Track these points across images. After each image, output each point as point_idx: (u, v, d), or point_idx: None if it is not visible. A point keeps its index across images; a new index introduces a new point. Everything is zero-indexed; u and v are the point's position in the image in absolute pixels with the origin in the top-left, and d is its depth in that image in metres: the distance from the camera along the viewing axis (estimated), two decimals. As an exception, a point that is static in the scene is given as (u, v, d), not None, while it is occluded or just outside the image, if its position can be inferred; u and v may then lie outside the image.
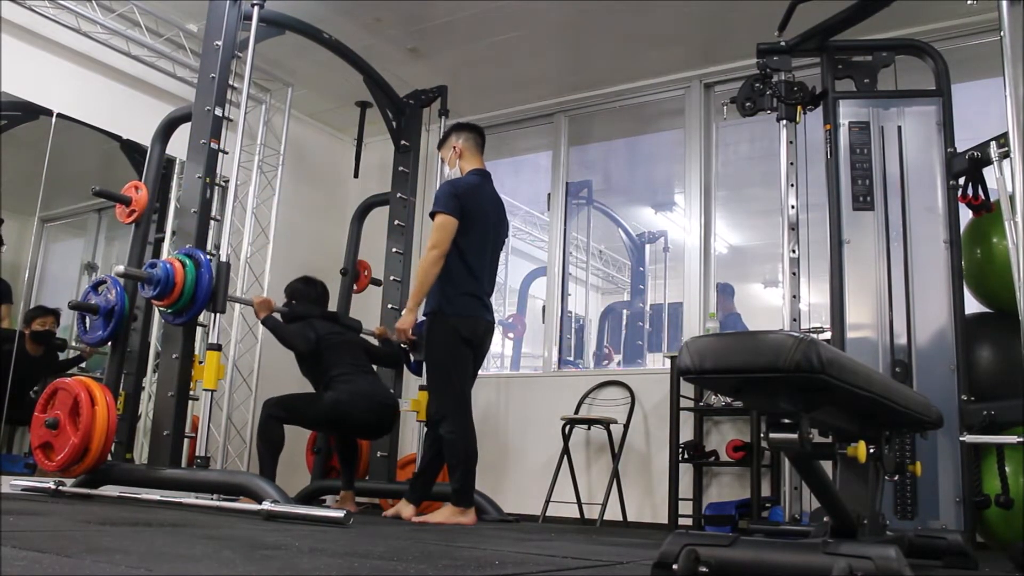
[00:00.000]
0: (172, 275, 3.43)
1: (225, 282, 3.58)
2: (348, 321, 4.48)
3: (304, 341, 3.95)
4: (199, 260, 3.51)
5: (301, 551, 1.75)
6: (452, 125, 3.82)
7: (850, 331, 3.34)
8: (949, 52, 3.73)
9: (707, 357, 1.42)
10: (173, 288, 3.43)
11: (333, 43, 4.54)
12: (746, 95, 3.66)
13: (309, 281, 4.35)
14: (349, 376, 3.96)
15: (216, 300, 3.54)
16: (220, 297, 3.55)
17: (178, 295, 3.45)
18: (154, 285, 3.43)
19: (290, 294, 4.32)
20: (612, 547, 2.52)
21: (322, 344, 4.01)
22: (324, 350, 4.01)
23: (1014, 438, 2.84)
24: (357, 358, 4.13)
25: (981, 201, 3.26)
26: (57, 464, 3.31)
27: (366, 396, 3.94)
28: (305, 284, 4.33)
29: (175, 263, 3.47)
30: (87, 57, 4.56)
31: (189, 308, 3.50)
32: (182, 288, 3.44)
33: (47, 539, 1.66)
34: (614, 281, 8.14)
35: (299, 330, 4.00)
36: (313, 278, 4.38)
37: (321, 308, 4.31)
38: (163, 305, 3.51)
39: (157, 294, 3.44)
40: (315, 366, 4.03)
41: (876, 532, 1.91)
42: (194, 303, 3.49)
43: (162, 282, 3.41)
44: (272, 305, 4.02)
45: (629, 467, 4.65)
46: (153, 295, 3.46)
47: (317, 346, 3.98)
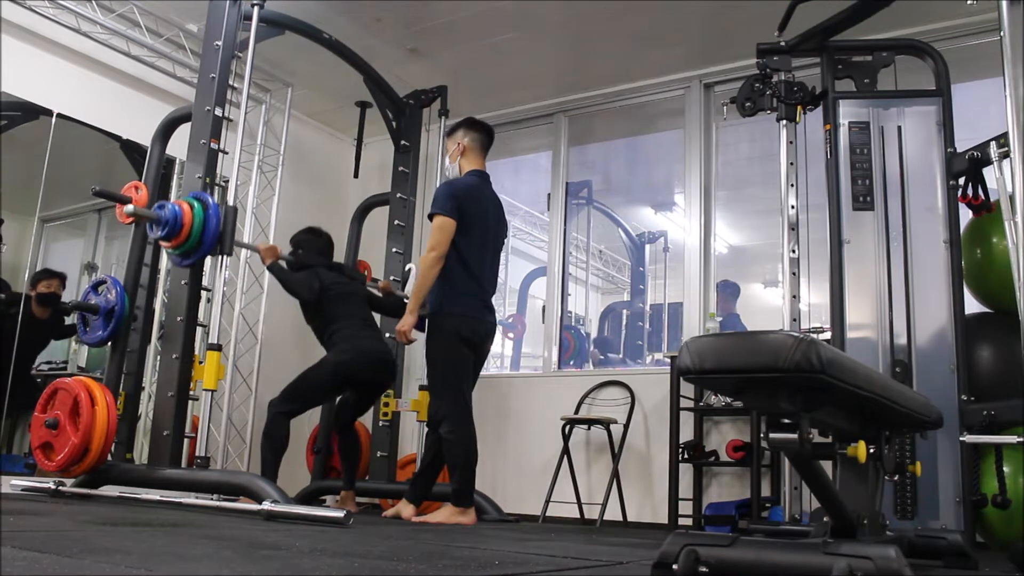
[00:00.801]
0: (180, 216, 3.46)
1: (232, 226, 3.61)
2: (352, 272, 4.48)
3: (308, 289, 3.98)
4: (207, 203, 3.54)
5: (301, 551, 1.75)
6: (465, 119, 3.76)
7: (850, 331, 3.34)
8: (949, 52, 3.73)
9: (707, 357, 1.42)
10: (181, 229, 3.46)
11: (333, 43, 4.54)
12: (746, 95, 3.66)
13: (315, 231, 4.36)
14: (350, 331, 4.00)
15: (223, 242, 3.57)
16: (227, 239, 3.58)
17: (186, 236, 3.48)
18: (162, 226, 3.46)
19: (296, 244, 4.33)
20: (612, 547, 2.52)
21: (326, 294, 4.04)
22: (327, 300, 4.04)
23: (1014, 438, 2.83)
24: (360, 310, 4.17)
25: (981, 201, 3.26)
26: (57, 464, 3.31)
27: (368, 351, 4.01)
28: (311, 234, 4.34)
29: (183, 205, 3.50)
30: (87, 57, 4.56)
31: (196, 249, 3.53)
32: (190, 229, 3.47)
33: (47, 539, 1.66)
34: (614, 281, 8.15)
35: (304, 278, 4.02)
36: (319, 228, 4.39)
37: (326, 259, 4.31)
38: (171, 246, 3.54)
39: (165, 234, 3.47)
40: (318, 315, 4.08)
41: (876, 532, 1.91)
42: (201, 245, 3.52)
43: (170, 223, 3.45)
44: (278, 252, 4.04)
45: (629, 467, 4.65)
46: (161, 236, 3.49)
47: (321, 295, 4.01)
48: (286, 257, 4.16)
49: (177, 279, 3.66)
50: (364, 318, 4.17)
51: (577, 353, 5.86)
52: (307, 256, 4.24)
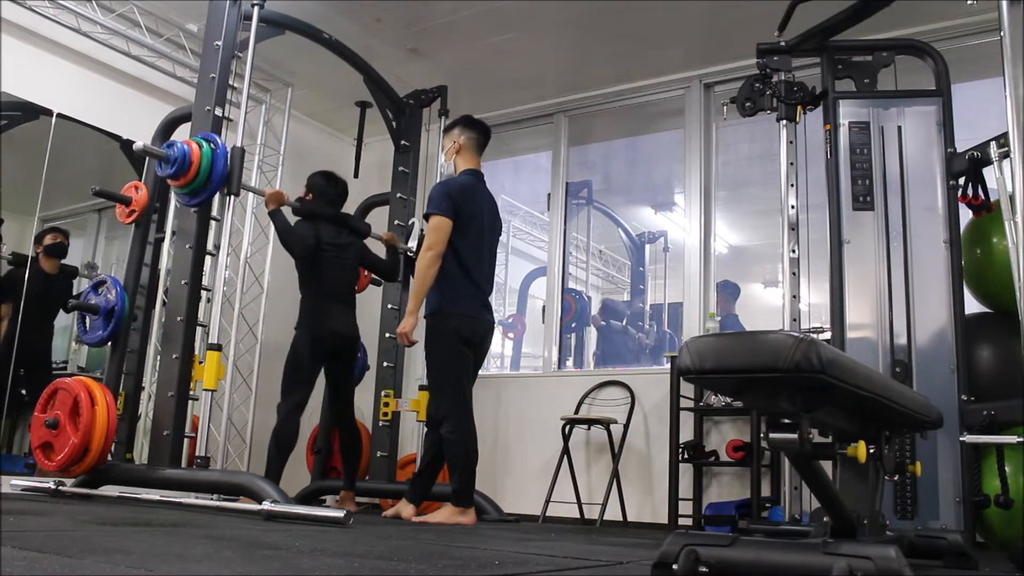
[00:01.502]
0: (188, 155, 3.47)
1: (240, 166, 3.62)
2: (357, 224, 4.42)
3: (302, 247, 3.99)
4: (216, 143, 3.55)
5: (301, 551, 1.75)
6: (463, 117, 3.78)
7: (850, 331, 3.34)
8: (949, 52, 3.73)
9: (707, 357, 1.42)
10: (189, 167, 3.46)
11: (333, 43, 4.54)
12: (746, 95, 3.66)
13: (331, 178, 4.31)
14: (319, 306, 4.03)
15: (231, 182, 3.57)
16: (235, 179, 3.58)
17: (194, 175, 3.48)
18: (171, 163, 3.47)
19: (309, 187, 4.30)
20: (612, 547, 2.52)
21: (320, 254, 4.05)
22: (319, 261, 4.05)
23: (1014, 438, 2.84)
24: (341, 283, 4.16)
25: (981, 201, 3.26)
26: (57, 464, 3.31)
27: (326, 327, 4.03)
28: (326, 181, 4.29)
29: (192, 144, 3.51)
30: (87, 57, 4.56)
31: (204, 189, 3.54)
32: (198, 168, 3.48)
33: (47, 539, 1.66)
34: (614, 281, 8.14)
35: (302, 233, 4.01)
36: (335, 175, 4.35)
37: (335, 209, 4.27)
38: (178, 185, 3.54)
39: (173, 173, 3.47)
40: (306, 270, 4.10)
41: (876, 532, 1.91)
42: (209, 184, 3.53)
43: (178, 161, 3.45)
44: (283, 199, 4.00)
45: (629, 467, 4.65)
46: (169, 174, 3.49)
47: (314, 253, 4.03)
48: (292, 203, 4.12)
49: (177, 279, 3.66)
50: (340, 292, 4.15)
51: (579, 316, 5.83)
52: (315, 204, 4.20)
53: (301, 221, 4.12)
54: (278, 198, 3.97)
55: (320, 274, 4.07)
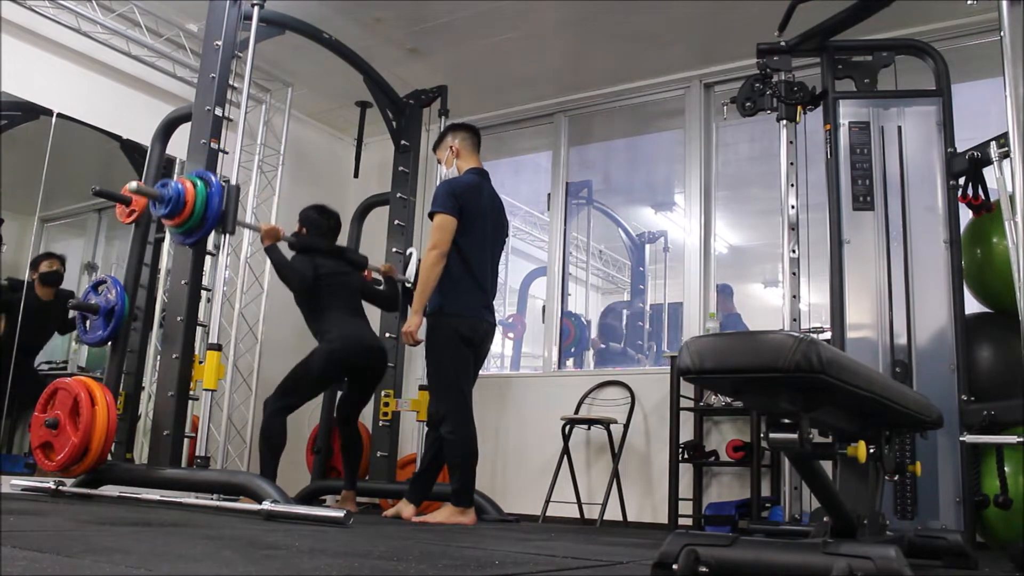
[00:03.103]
0: (183, 194, 3.46)
1: (235, 204, 3.60)
2: (354, 256, 4.42)
3: (300, 280, 3.96)
4: (210, 181, 3.53)
5: (301, 551, 1.75)
6: (447, 126, 3.84)
7: (850, 331, 3.34)
8: (949, 52, 3.72)
9: (707, 357, 1.42)
10: (184, 207, 3.45)
11: (333, 43, 4.54)
12: (746, 95, 3.66)
13: (323, 211, 4.30)
14: (339, 321, 3.98)
15: (226, 221, 3.56)
16: (230, 217, 3.57)
17: (188, 214, 3.47)
18: (165, 204, 3.46)
19: (302, 222, 4.28)
20: (612, 547, 2.52)
21: (320, 283, 4.02)
22: (321, 290, 4.02)
23: (1014, 438, 2.84)
24: (352, 303, 4.14)
25: (981, 201, 3.26)
26: (57, 464, 3.31)
27: (356, 339, 4.00)
28: (319, 214, 4.27)
29: (186, 183, 3.49)
30: (87, 57, 4.56)
31: (199, 228, 3.52)
32: (192, 207, 3.46)
33: (47, 539, 1.66)
34: (614, 281, 8.14)
35: (299, 267, 3.99)
36: (328, 208, 4.33)
37: (329, 242, 4.26)
38: (174, 224, 3.53)
39: (168, 212, 3.46)
40: (309, 303, 4.06)
41: (876, 532, 1.91)
42: (204, 223, 3.51)
43: (173, 200, 3.44)
44: (279, 235, 3.98)
45: (629, 467, 4.65)
46: (164, 213, 3.48)
47: (314, 285, 3.99)
48: (288, 238, 4.11)
49: (177, 279, 3.66)
50: (354, 308, 4.14)
51: (577, 341, 5.84)
52: (310, 238, 4.19)
53: (298, 256, 4.11)
54: (274, 234, 3.95)
55: (326, 300, 4.03)
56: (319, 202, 4.35)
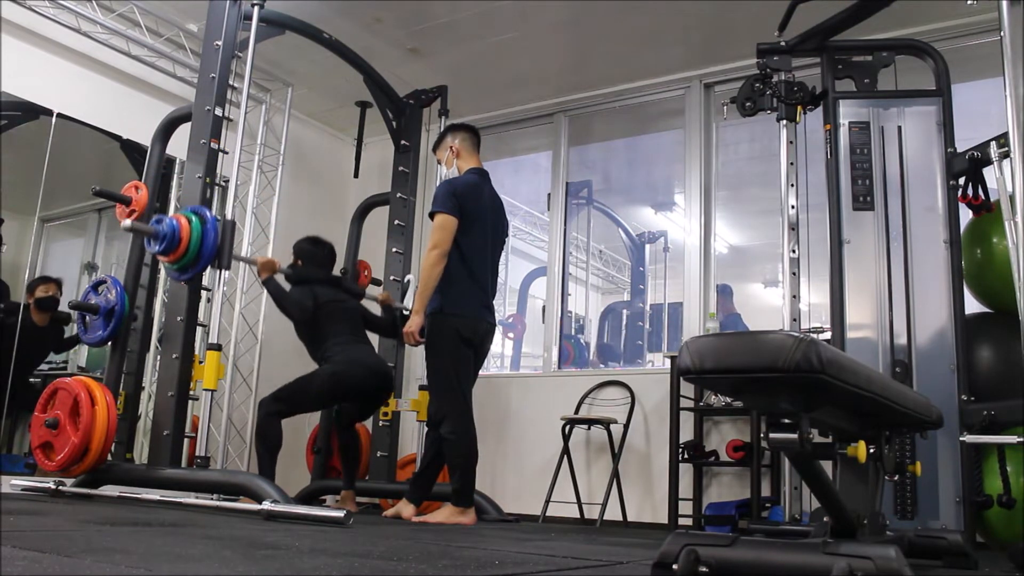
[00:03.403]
0: (178, 231, 3.44)
1: (230, 239, 3.59)
2: (351, 286, 4.45)
3: (300, 310, 3.95)
4: (205, 217, 3.52)
5: (301, 551, 1.75)
6: (446, 127, 3.84)
7: (850, 331, 3.34)
8: (949, 52, 3.72)
9: (707, 357, 1.42)
10: (179, 244, 3.44)
11: (333, 43, 4.54)
12: (746, 95, 3.66)
13: (317, 242, 4.31)
14: (344, 346, 3.97)
15: (221, 256, 3.54)
16: (226, 253, 3.55)
17: (184, 251, 3.45)
18: (160, 240, 3.44)
19: (297, 253, 4.28)
20: (612, 547, 2.52)
21: (320, 312, 4.01)
22: (322, 318, 4.01)
23: (1014, 438, 2.84)
24: (354, 327, 4.14)
25: (981, 201, 3.27)
26: (57, 464, 3.31)
27: (362, 364, 3.97)
28: (313, 245, 4.29)
29: (181, 219, 3.48)
30: (87, 57, 4.56)
31: (195, 264, 3.51)
32: (188, 244, 3.45)
33: (47, 539, 1.66)
34: (614, 281, 8.15)
35: (297, 297, 3.99)
36: (322, 238, 4.34)
37: (326, 271, 4.27)
38: (169, 261, 3.52)
39: (163, 249, 3.45)
40: (311, 333, 4.04)
41: (876, 532, 1.91)
42: (199, 259, 3.50)
43: (168, 237, 3.43)
44: (276, 267, 3.98)
45: (629, 467, 4.65)
46: (159, 250, 3.47)
47: (315, 314, 3.99)
48: (284, 270, 4.11)
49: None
50: (357, 334, 4.13)
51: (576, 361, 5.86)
52: (306, 268, 4.20)
53: (295, 287, 4.10)
54: (270, 266, 3.94)
55: (329, 327, 4.01)
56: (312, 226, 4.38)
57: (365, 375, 3.98)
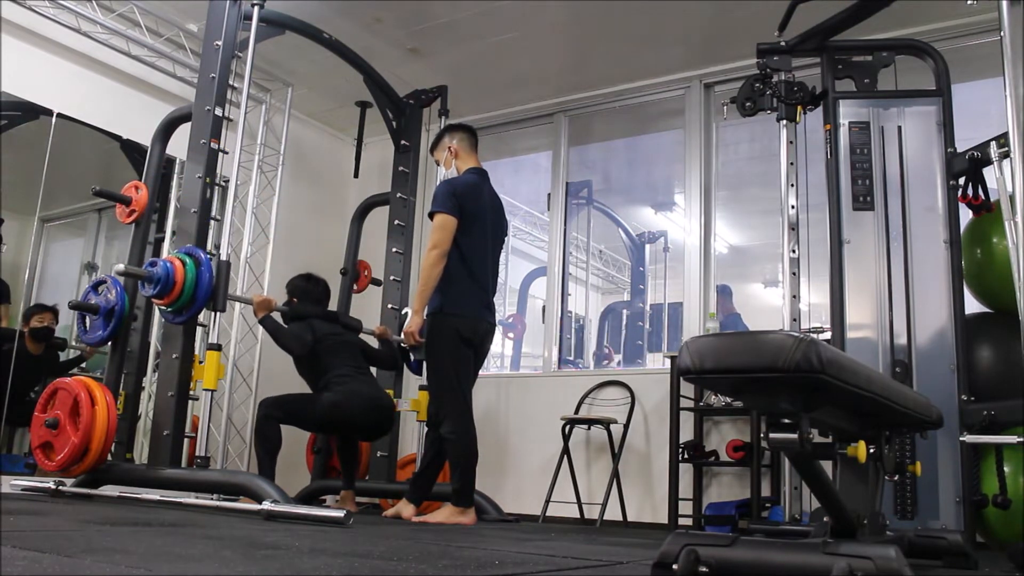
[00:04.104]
0: (172, 274, 3.41)
1: (225, 281, 3.57)
2: (348, 320, 4.46)
3: (300, 344, 3.93)
4: (199, 259, 3.49)
5: (301, 551, 1.75)
6: (444, 127, 3.84)
7: (850, 331, 3.34)
8: (949, 52, 3.72)
9: (707, 357, 1.42)
10: (173, 287, 3.41)
11: (333, 43, 4.54)
12: (746, 95, 3.66)
13: (311, 279, 4.32)
14: (345, 378, 3.94)
15: (216, 299, 3.53)
16: (220, 296, 3.54)
17: (178, 294, 3.43)
18: (154, 284, 3.42)
19: (291, 291, 4.29)
20: (612, 547, 2.52)
21: (319, 346, 3.99)
22: (321, 352, 3.99)
23: (1014, 438, 2.84)
24: (354, 360, 4.11)
25: (981, 201, 3.27)
26: (57, 464, 3.31)
27: (363, 397, 3.93)
28: (307, 282, 4.29)
29: (175, 262, 3.46)
30: (87, 57, 4.56)
31: (189, 307, 3.49)
32: (182, 287, 3.42)
33: (47, 539, 1.66)
34: (614, 281, 8.15)
35: (296, 332, 3.98)
36: (315, 276, 4.35)
37: (322, 307, 4.28)
38: (163, 304, 3.50)
39: (157, 292, 3.43)
40: (311, 368, 4.02)
41: (876, 532, 1.91)
42: (194, 302, 3.47)
43: (162, 281, 3.40)
44: (272, 305, 3.97)
45: (629, 467, 4.65)
46: (153, 294, 3.45)
47: (314, 348, 3.97)
48: (280, 308, 4.09)
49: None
50: (358, 367, 4.10)
51: None
52: (302, 305, 4.19)
53: (293, 323, 4.09)
54: (267, 305, 3.92)
55: (329, 360, 3.99)
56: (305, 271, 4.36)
57: (366, 408, 3.93)
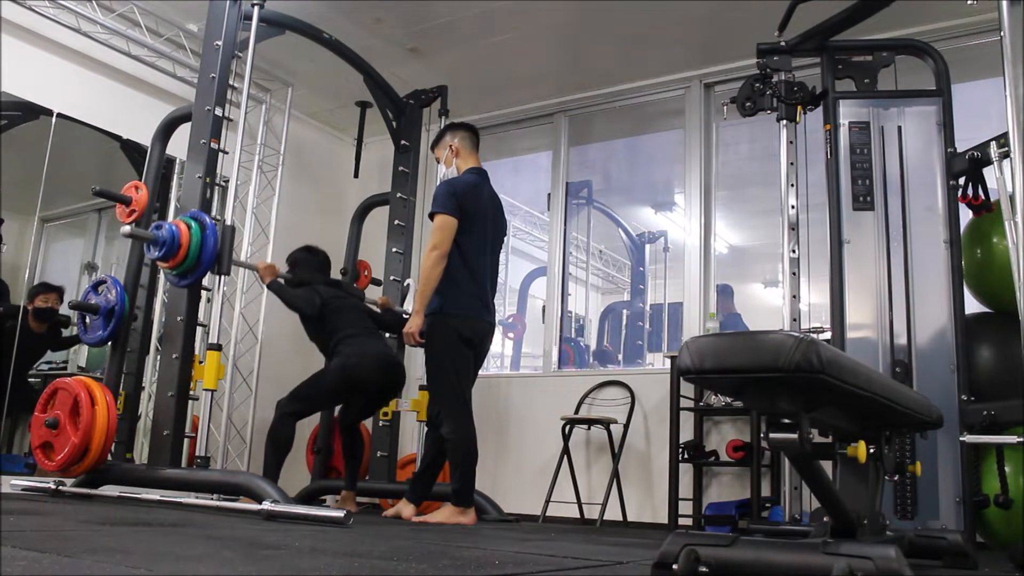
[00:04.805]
0: (178, 237, 3.45)
1: (230, 245, 3.60)
2: (351, 290, 4.48)
3: (309, 304, 3.98)
4: (204, 223, 3.53)
5: (301, 551, 1.75)
6: (446, 125, 3.85)
7: (850, 331, 3.34)
8: (949, 52, 3.72)
9: (707, 357, 1.42)
10: (179, 249, 3.45)
11: (333, 43, 4.54)
12: (746, 95, 3.66)
13: (311, 250, 4.35)
14: (355, 338, 3.99)
15: (221, 263, 3.56)
16: (225, 259, 3.57)
17: (183, 257, 3.47)
18: (160, 246, 3.46)
19: (292, 263, 4.31)
20: (612, 547, 2.52)
21: (326, 308, 4.03)
22: (329, 313, 4.03)
23: (1014, 438, 2.84)
24: (362, 320, 4.16)
25: (981, 201, 3.27)
26: (57, 464, 3.31)
27: (373, 356, 3.99)
28: (307, 253, 4.33)
29: (181, 225, 3.49)
30: (87, 57, 4.56)
31: (194, 270, 3.52)
32: (187, 250, 3.46)
33: (47, 539, 1.66)
34: (614, 281, 8.15)
35: (304, 293, 4.02)
36: (315, 247, 4.38)
37: (324, 275, 4.30)
38: (168, 267, 3.53)
39: (163, 255, 3.46)
40: (321, 329, 4.06)
41: (876, 532, 1.91)
42: (199, 265, 3.51)
43: (168, 243, 3.44)
44: (276, 271, 4.04)
45: (629, 467, 4.65)
46: (159, 256, 3.48)
47: (322, 309, 4.01)
48: (284, 276, 4.14)
49: (177, 279, 3.65)
50: (367, 327, 4.15)
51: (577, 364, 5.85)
52: (305, 274, 4.22)
53: (298, 289, 4.12)
54: (272, 271, 4.00)
55: (338, 322, 4.03)
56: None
57: (376, 366, 3.98)
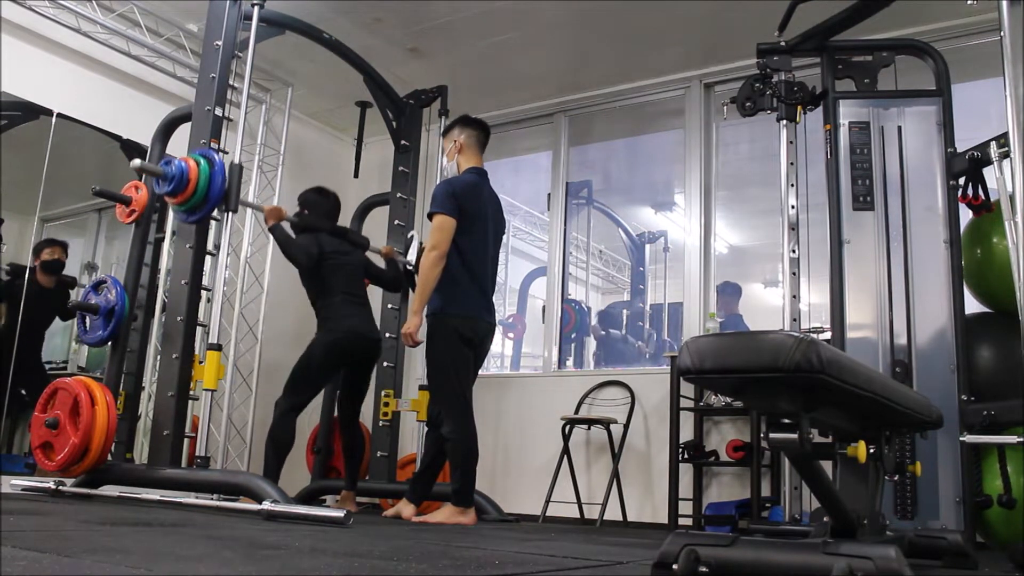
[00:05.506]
0: (186, 172, 3.47)
1: (238, 183, 3.62)
2: (356, 238, 4.45)
3: (306, 256, 3.98)
4: (213, 160, 3.55)
5: (301, 551, 1.75)
6: (460, 117, 3.78)
7: (850, 331, 3.34)
8: (949, 52, 3.73)
9: (707, 357, 1.42)
10: (187, 185, 3.47)
11: (333, 43, 4.54)
12: (746, 95, 3.66)
13: (322, 192, 4.33)
14: (337, 310, 4.03)
15: (229, 199, 3.58)
16: (233, 196, 3.59)
17: (191, 192, 3.49)
18: (168, 181, 3.47)
19: (303, 203, 4.30)
20: (612, 547, 2.53)
21: (324, 263, 4.05)
22: (324, 269, 4.06)
23: (1014, 438, 2.84)
24: (352, 284, 4.17)
25: (981, 201, 3.27)
26: (57, 464, 3.31)
27: (355, 332, 4.06)
28: (318, 195, 4.31)
29: (189, 161, 3.51)
30: (87, 57, 4.56)
31: (202, 206, 3.54)
32: (195, 186, 3.48)
33: (47, 539, 1.66)
34: (614, 281, 8.14)
35: (304, 244, 4.02)
36: (327, 189, 4.37)
37: (331, 222, 4.29)
38: (176, 202, 3.55)
39: (171, 190, 3.48)
40: (311, 281, 4.10)
41: (876, 532, 1.91)
42: (207, 202, 3.53)
43: (176, 179, 3.46)
44: (282, 214, 4.03)
45: (629, 467, 4.65)
46: (167, 191, 3.50)
47: (318, 263, 4.03)
48: (291, 218, 4.13)
49: (177, 279, 3.66)
50: (355, 293, 4.17)
51: (578, 327, 5.83)
52: (313, 218, 4.22)
53: (301, 234, 4.14)
54: (277, 213, 3.99)
55: (329, 281, 4.07)
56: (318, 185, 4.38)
57: (357, 341, 4.07)
